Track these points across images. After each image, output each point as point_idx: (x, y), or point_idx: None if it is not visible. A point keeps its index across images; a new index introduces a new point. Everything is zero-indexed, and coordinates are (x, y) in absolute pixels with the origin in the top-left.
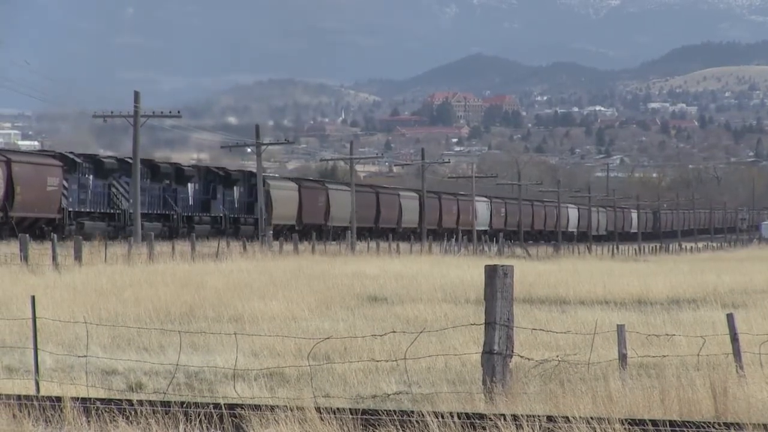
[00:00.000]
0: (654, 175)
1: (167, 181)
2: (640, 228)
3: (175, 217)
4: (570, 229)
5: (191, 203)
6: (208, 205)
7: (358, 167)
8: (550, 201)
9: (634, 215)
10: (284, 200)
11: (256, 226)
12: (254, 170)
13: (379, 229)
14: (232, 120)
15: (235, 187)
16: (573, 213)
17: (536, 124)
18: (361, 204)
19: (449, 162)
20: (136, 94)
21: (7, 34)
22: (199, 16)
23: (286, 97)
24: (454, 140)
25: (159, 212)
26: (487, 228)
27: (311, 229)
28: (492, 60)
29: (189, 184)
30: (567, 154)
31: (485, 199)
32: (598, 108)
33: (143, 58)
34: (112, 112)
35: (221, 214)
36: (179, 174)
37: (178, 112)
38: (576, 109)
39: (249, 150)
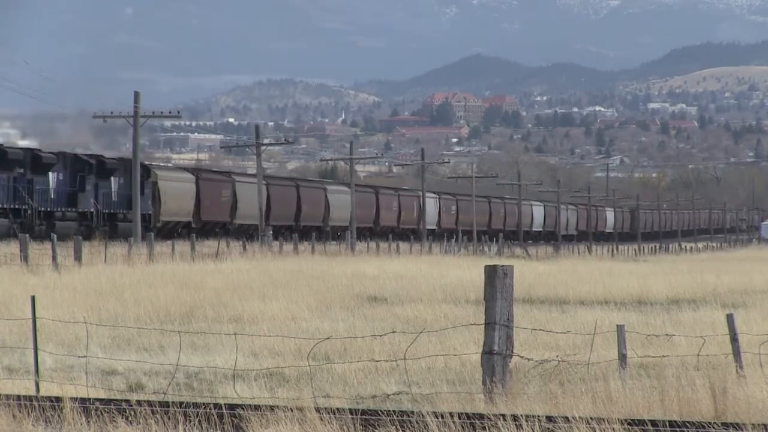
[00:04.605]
0: (654, 175)
1: (20, 170)
2: (641, 229)
3: (29, 212)
4: (535, 229)
5: (53, 196)
6: (75, 199)
7: (358, 167)
8: (511, 198)
9: (610, 214)
10: (176, 193)
11: (141, 224)
12: (140, 159)
13: (300, 227)
14: (231, 120)
15: (112, 178)
16: (538, 211)
17: (536, 124)
18: (278, 199)
19: (449, 162)
20: (136, 95)
21: (7, 34)
22: (199, 16)
23: (285, 97)
24: (454, 140)
25: (7, 206)
26: (435, 227)
27: (214, 227)
28: (492, 60)
29: (50, 174)
30: (567, 155)
31: (433, 195)
32: (597, 108)
33: (142, 58)
34: (111, 113)
35: (92, 210)
36: (36, 161)
37: (178, 112)
38: (576, 109)
39: (249, 150)
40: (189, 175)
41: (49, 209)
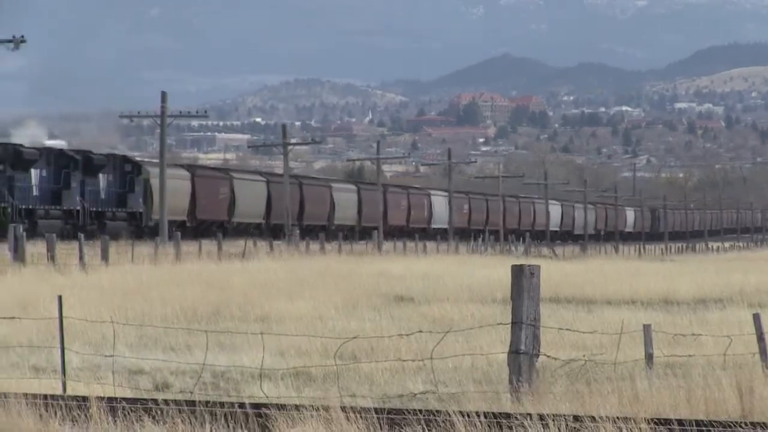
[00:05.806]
0: (680, 175)
1: (0, 166)
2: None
3: (9, 210)
4: (552, 228)
5: (35, 193)
6: (59, 196)
7: (385, 167)
8: (525, 197)
9: (630, 214)
10: (169, 191)
11: (131, 222)
12: (128, 155)
13: (303, 226)
14: (259, 120)
15: (100, 175)
16: (555, 210)
17: (563, 124)
18: (279, 197)
19: (476, 162)
20: (163, 95)
21: (33, 35)
22: (225, 16)
23: (312, 97)
24: (481, 140)
25: None
26: (446, 226)
27: (210, 226)
28: (519, 60)
29: (32, 170)
30: (594, 154)
31: (444, 193)
32: (624, 108)
33: (169, 58)
34: (138, 113)
35: (78, 208)
36: (18, 157)
37: (205, 112)
38: (603, 109)
39: (276, 150)
40: (184, 172)
41: (30, 206)
